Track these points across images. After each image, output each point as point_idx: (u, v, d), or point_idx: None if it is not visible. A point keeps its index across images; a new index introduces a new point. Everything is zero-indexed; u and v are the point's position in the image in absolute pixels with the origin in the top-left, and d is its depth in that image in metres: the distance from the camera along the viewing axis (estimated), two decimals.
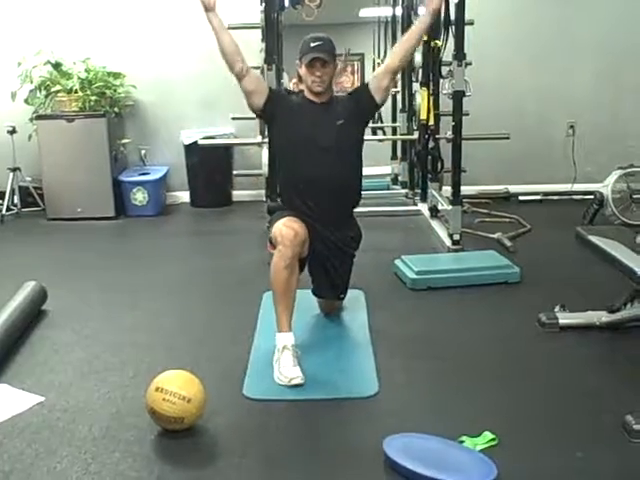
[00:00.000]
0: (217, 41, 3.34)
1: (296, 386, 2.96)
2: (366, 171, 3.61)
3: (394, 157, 6.75)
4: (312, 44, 3.33)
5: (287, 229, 3.17)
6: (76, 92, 5.88)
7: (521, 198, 6.30)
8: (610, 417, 2.64)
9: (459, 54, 4.65)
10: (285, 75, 5.45)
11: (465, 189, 5.07)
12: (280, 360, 3.05)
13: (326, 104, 3.44)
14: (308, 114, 3.43)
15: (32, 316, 3.70)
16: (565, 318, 3.50)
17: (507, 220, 5.58)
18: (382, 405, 2.84)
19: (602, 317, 3.43)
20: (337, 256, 3.51)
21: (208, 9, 3.31)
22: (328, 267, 3.52)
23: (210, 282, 4.42)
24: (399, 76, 6.41)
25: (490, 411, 2.77)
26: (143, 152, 6.45)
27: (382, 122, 6.61)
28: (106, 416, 2.76)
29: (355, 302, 3.85)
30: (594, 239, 3.51)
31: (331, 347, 3.39)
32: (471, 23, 4.90)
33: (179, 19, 6.20)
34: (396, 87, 6.52)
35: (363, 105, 3.49)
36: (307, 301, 3.60)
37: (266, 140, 4.87)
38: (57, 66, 5.96)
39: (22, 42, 6.04)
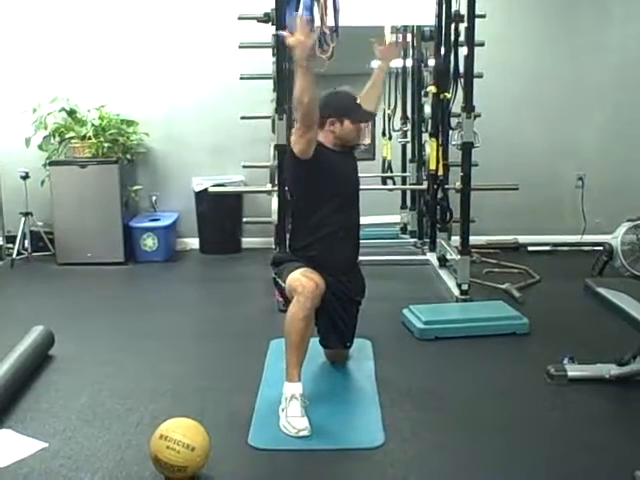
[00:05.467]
0: (305, 90, 3.12)
1: (303, 437, 2.93)
2: (375, 220, 3.64)
3: (403, 206, 6.75)
4: (357, 102, 3.52)
5: (308, 280, 3.16)
6: (89, 139, 5.94)
7: (530, 249, 6.28)
8: (619, 472, 2.60)
9: (468, 106, 4.69)
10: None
11: (474, 239, 5.08)
12: (287, 409, 3.03)
13: (344, 152, 3.53)
14: (341, 163, 3.50)
15: (38, 361, 3.70)
16: (574, 370, 3.47)
17: (516, 271, 5.56)
18: (388, 456, 2.80)
19: (611, 370, 3.40)
20: (345, 306, 3.52)
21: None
22: (336, 318, 3.51)
23: (217, 329, 4.41)
24: (409, 127, 6.50)
25: (496, 464, 2.74)
26: (154, 198, 6.50)
27: (392, 172, 6.65)
28: (110, 464, 2.74)
29: (362, 351, 3.84)
30: (603, 291, 3.49)
31: (337, 397, 3.37)
32: (480, 76, 4.94)
33: (192, 69, 6.31)
34: (406, 137, 6.58)
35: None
36: (313, 349, 3.56)
37: (276, 188, 4.92)
38: (72, 113, 6.05)
39: (38, 89, 6.14)
